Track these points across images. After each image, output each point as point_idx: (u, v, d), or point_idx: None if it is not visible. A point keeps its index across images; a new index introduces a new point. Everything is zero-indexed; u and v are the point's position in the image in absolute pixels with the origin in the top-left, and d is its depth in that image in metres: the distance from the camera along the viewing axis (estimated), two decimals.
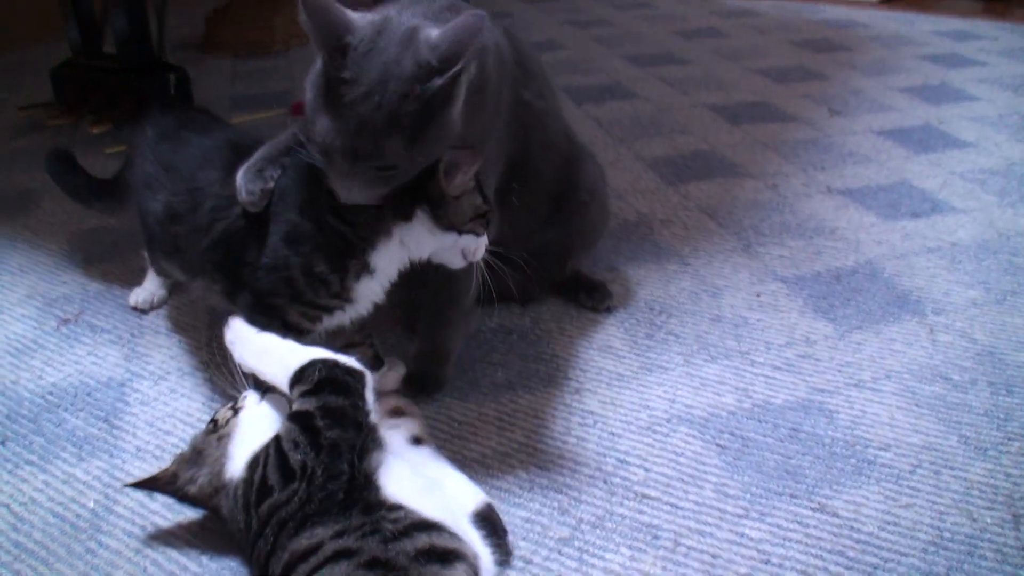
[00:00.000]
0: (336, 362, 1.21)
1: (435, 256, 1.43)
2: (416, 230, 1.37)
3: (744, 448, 1.43)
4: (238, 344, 1.32)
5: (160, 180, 1.54)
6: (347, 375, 1.19)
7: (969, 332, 1.72)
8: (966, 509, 1.30)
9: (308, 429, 1.13)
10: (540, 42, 3.99)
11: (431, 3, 1.35)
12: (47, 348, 1.75)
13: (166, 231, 1.53)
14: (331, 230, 1.35)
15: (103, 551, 1.27)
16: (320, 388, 1.17)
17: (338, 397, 1.16)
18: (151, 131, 1.65)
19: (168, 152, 1.57)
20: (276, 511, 1.10)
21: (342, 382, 1.18)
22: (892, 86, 3.21)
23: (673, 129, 2.79)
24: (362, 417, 1.16)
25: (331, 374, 1.19)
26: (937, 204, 2.25)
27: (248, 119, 2.99)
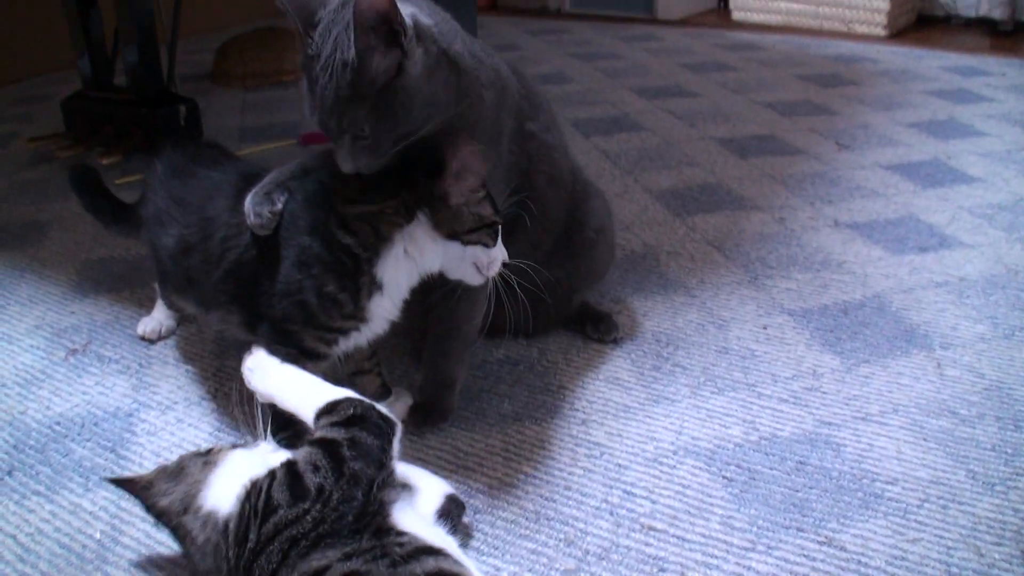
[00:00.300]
0: (372, 405, 1.21)
1: (450, 271, 1.44)
2: (418, 238, 1.38)
3: (751, 481, 1.43)
4: (257, 373, 1.32)
5: (171, 214, 1.55)
6: (381, 419, 1.19)
7: (977, 367, 1.72)
8: (974, 544, 1.29)
9: (333, 456, 1.13)
10: (547, 74, 4.01)
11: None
12: (55, 378, 1.75)
13: (179, 265, 1.54)
14: (339, 247, 1.36)
15: None
16: (352, 423, 1.17)
17: (369, 436, 1.16)
18: (161, 166, 1.65)
19: (178, 186, 1.58)
20: (285, 528, 1.09)
21: (375, 424, 1.18)
22: (900, 121, 3.21)
23: (680, 161, 2.80)
24: (387, 460, 1.16)
25: (366, 414, 1.19)
26: (945, 239, 2.25)
27: (257, 150, 3.00)
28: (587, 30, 5.00)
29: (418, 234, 1.37)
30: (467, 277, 1.43)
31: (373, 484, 1.12)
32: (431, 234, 1.37)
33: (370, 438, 1.15)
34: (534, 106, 1.63)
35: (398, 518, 1.14)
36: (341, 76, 1.23)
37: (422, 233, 1.37)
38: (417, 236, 1.38)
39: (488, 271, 1.42)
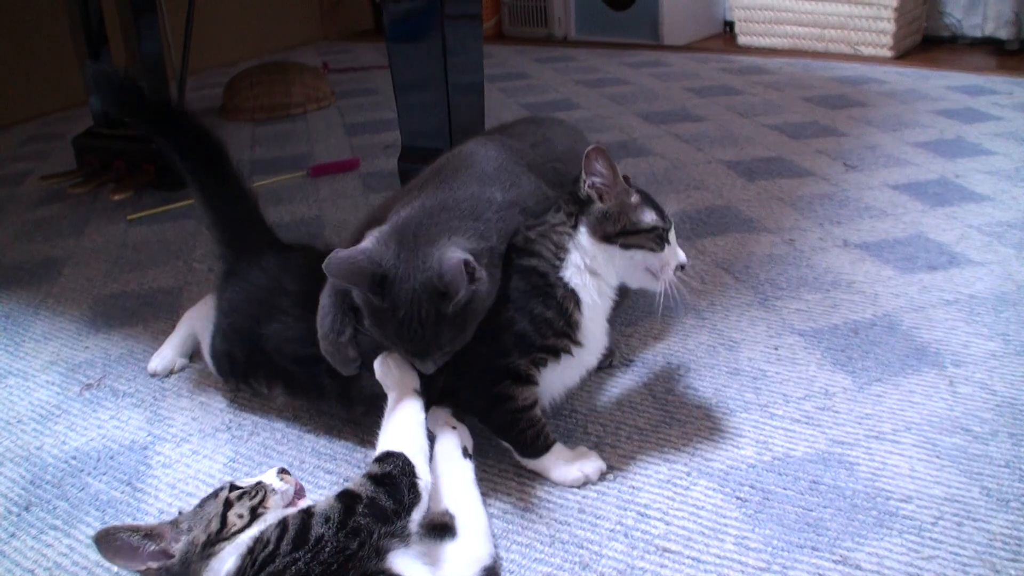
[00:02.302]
0: (413, 469, 1.22)
1: (629, 280, 1.54)
2: (586, 246, 1.48)
3: (765, 501, 1.43)
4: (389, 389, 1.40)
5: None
6: (409, 489, 1.20)
7: (989, 384, 1.72)
8: (990, 561, 1.29)
9: (347, 510, 1.14)
10: (555, 102, 4.04)
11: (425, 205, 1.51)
12: (70, 413, 1.77)
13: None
14: (528, 271, 1.47)
15: None
16: (382, 482, 1.18)
17: (389, 500, 1.17)
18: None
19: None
20: (267, 564, 1.10)
21: (401, 491, 1.18)
22: (907, 141, 3.22)
23: (688, 185, 2.81)
24: (396, 524, 1.16)
25: (399, 479, 1.20)
26: (954, 257, 2.25)
27: (268, 182, 3.02)
28: (593, 57, 5.03)
29: (584, 242, 1.48)
30: (646, 284, 1.54)
31: (373, 535, 1.13)
32: (593, 240, 1.47)
33: (389, 503, 1.16)
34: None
35: (395, 563, 1.14)
36: (426, 318, 1.37)
37: (587, 240, 1.48)
38: (584, 244, 1.48)
39: (663, 275, 1.49)
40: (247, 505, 1.20)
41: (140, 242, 2.60)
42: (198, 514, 1.21)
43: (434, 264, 1.36)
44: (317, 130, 3.75)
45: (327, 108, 4.14)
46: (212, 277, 2.31)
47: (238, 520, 1.17)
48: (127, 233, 2.67)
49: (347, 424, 1.68)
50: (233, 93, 4.03)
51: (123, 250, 2.54)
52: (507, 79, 4.56)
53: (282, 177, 3.08)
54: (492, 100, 4.00)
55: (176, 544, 1.16)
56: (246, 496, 1.22)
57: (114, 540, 1.13)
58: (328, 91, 4.22)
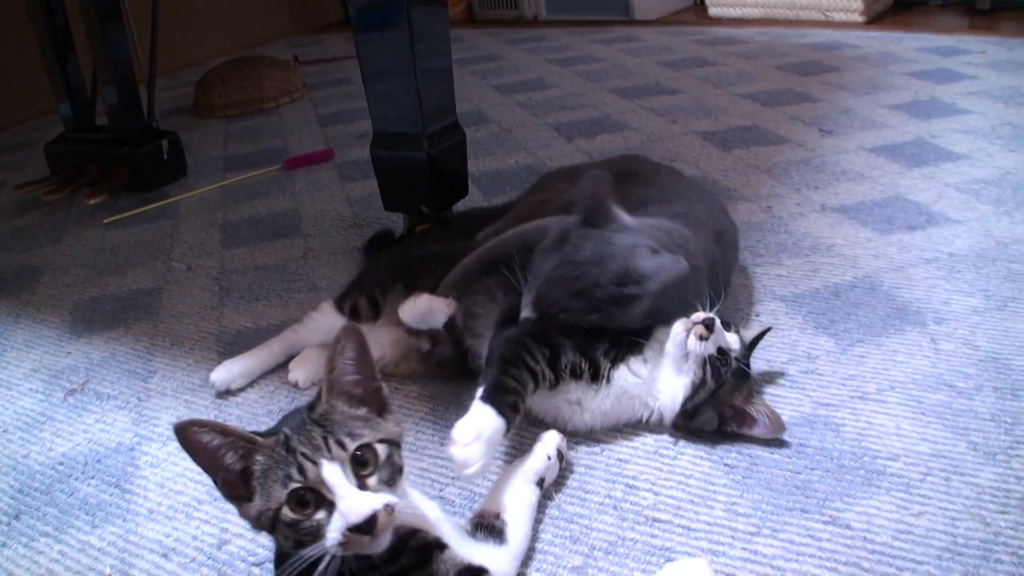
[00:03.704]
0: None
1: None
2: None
3: (752, 466, 1.43)
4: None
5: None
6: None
7: (971, 339, 1.72)
8: (979, 514, 1.29)
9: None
10: (527, 81, 4.04)
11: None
12: (55, 419, 1.76)
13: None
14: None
15: None
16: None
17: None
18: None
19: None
20: None
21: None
22: (882, 103, 3.22)
23: (664, 158, 2.80)
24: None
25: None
26: (933, 216, 2.26)
27: (243, 178, 3.02)
28: (565, 36, 5.02)
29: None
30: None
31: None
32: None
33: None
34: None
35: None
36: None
37: None
38: None
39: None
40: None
41: (117, 245, 2.59)
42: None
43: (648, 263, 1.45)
44: (290, 123, 3.74)
45: (300, 101, 4.12)
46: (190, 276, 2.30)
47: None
48: (104, 237, 2.66)
49: None
50: (205, 91, 4.01)
51: (101, 254, 2.53)
52: (479, 62, 4.55)
53: (257, 172, 3.07)
54: (465, 83, 4.01)
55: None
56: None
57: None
58: (300, 83, 4.21)
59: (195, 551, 1.38)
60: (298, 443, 1.03)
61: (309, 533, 1.00)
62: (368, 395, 1.14)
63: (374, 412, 1.13)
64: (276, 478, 1.02)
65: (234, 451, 1.04)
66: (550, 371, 1.47)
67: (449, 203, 2.26)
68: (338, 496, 1.00)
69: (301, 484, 1.01)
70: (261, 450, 1.04)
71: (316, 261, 2.33)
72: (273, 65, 4.15)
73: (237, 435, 1.04)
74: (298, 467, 1.01)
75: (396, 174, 2.21)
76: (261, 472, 1.04)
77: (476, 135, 3.25)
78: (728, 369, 1.47)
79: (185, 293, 2.22)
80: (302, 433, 1.05)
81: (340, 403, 1.10)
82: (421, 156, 2.11)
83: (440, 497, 1.44)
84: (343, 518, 0.99)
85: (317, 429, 1.06)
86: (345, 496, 1.00)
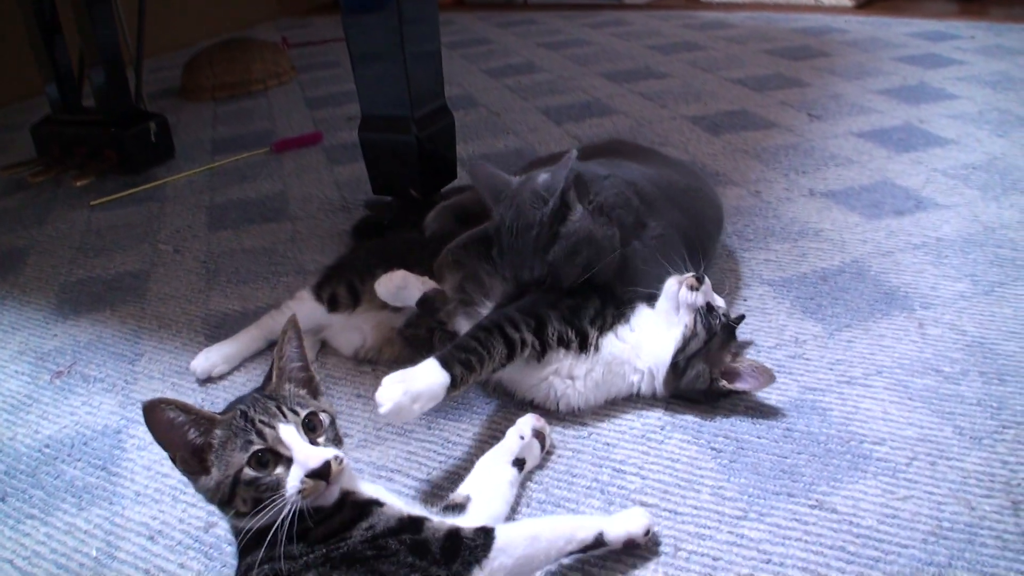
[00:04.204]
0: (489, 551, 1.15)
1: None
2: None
3: (739, 450, 1.43)
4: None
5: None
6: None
7: (958, 324, 1.72)
8: (964, 498, 1.30)
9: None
10: (517, 65, 4.03)
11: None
12: (42, 402, 1.75)
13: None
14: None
15: None
16: (454, 547, 1.12)
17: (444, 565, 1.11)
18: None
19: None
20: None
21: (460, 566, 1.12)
22: (871, 88, 3.22)
23: (653, 142, 2.80)
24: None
25: (468, 557, 1.12)
26: (921, 201, 2.26)
27: (231, 160, 3.00)
28: (554, 19, 5.01)
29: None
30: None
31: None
32: None
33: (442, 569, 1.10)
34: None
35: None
36: (523, 228, 1.54)
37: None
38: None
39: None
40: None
41: (104, 227, 2.58)
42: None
43: (543, 176, 1.56)
44: (279, 106, 3.73)
45: (288, 83, 4.10)
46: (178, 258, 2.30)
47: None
48: (91, 219, 2.65)
49: None
50: (192, 73, 3.99)
51: (88, 236, 2.52)
52: (469, 45, 4.53)
53: (245, 154, 3.06)
54: (455, 67, 4.00)
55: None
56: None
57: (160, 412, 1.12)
58: (288, 66, 4.19)
59: (181, 534, 1.37)
60: (255, 413, 1.15)
61: (269, 488, 1.10)
62: (305, 380, 1.26)
63: (311, 395, 1.25)
64: (235, 446, 1.12)
65: (196, 428, 1.13)
66: (536, 339, 1.49)
67: (438, 186, 2.25)
68: (296, 450, 1.12)
69: (262, 446, 1.11)
70: (219, 425, 1.14)
71: (304, 244, 2.32)
72: (261, 47, 4.13)
73: (199, 413, 1.14)
74: (257, 432, 1.12)
75: (384, 157, 2.20)
76: (219, 445, 1.13)
77: (465, 119, 3.24)
78: (718, 322, 1.51)
79: (172, 276, 2.21)
80: (257, 406, 1.16)
81: (287, 384, 1.23)
82: (410, 139, 2.11)
83: (427, 480, 1.44)
84: (301, 467, 1.11)
85: (271, 402, 1.17)
86: (302, 449, 1.12)
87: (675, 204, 1.77)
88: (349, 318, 1.78)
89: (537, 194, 1.54)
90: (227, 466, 1.11)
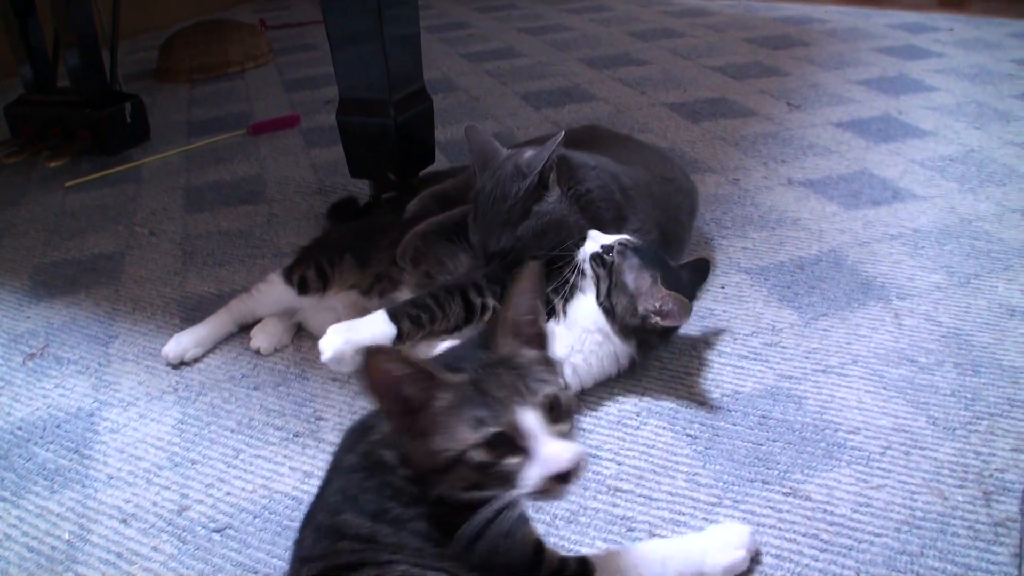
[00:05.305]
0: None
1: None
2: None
3: (715, 437, 1.43)
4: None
5: None
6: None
7: (934, 315, 1.73)
8: (937, 488, 1.31)
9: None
10: (497, 50, 4.01)
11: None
12: (14, 384, 1.74)
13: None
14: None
15: None
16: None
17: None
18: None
19: None
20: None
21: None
22: (850, 79, 3.23)
23: (632, 129, 2.80)
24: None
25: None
26: (898, 192, 2.27)
27: (207, 142, 2.98)
28: (535, 5, 4.99)
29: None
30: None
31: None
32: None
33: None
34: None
35: None
36: (499, 197, 1.57)
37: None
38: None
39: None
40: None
41: (79, 209, 2.55)
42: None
43: (529, 153, 1.60)
44: (256, 88, 3.70)
45: (265, 66, 4.07)
46: (153, 240, 2.28)
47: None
48: (65, 200, 2.62)
49: (295, 379, 1.67)
50: (168, 54, 3.95)
51: (62, 218, 2.50)
52: (448, 29, 4.51)
53: (222, 136, 3.04)
54: (434, 51, 3.98)
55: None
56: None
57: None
58: (266, 48, 4.16)
59: (155, 517, 1.37)
60: (489, 385, 0.99)
61: (499, 478, 0.96)
62: (535, 337, 1.08)
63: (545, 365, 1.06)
64: (464, 419, 0.97)
65: (415, 385, 0.98)
66: (499, 304, 1.53)
67: (416, 170, 2.24)
68: (539, 443, 0.96)
69: (497, 429, 0.96)
70: (445, 389, 0.99)
71: (280, 227, 2.31)
72: (239, 29, 4.10)
73: (423, 369, 0.99)
74: (492, 411, 0.96)
75: (362, 141, 2.19)
76: (444, 410, 0.98)
77: (444, 103, 3.22)
78: (611, 255, 1.54)
79: (147, 258, 2.20)
80: (492, 373, 1.00)
81: (517, 344, 1.06)
82: (388, 123, 2.10)
83: None
84: (544, 466, 0.95)
85: (507, 372, 1.00)
86: (547, 443, 0.96)
87: (650, 196, 1.78)
88: (321, 300, 1.78)
89: (519, 168, 1.57)
90: (450, 439, 0.96)
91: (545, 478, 0.95)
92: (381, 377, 0.97)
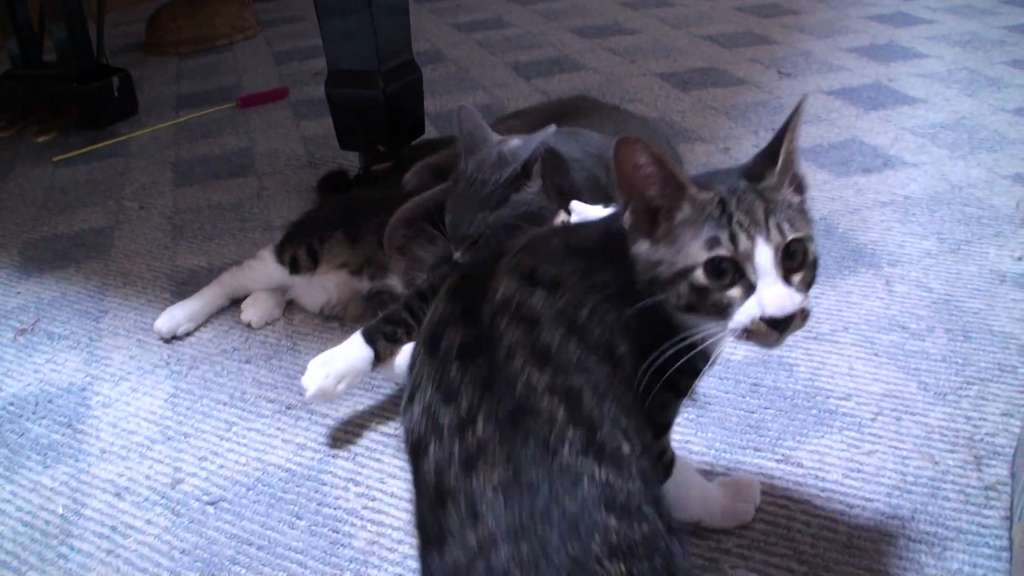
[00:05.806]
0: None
1: None
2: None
3: (706, 404, 1.44)
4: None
5: None
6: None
7: (925, 282, 1.74)
8: (928, 453, 1.31)
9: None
10: (485, 20, 3.99)
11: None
12: (5, 360, 1.73)
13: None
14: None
15: (75, 555, 1.26)
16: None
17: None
18: None
19: None
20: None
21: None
22: (841, 46, 3.22)
23: (623, 98, 2.79)
24: None
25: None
26: (889, 159, 2.27)
27: (196, 116, 2.97)
28: None
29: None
30: None
31: None
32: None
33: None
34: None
35: None
36: (480, 183, 1.53)
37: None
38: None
39: None
40: None
41: (68, 183, 2.54)
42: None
43: (516, 141, 1.56)
44: (244, 60, 3.68)
45: (253, 38, 4.05)
46: (143, 215, 2.27)
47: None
48: (54, 175, 2.61)
49: (287, 352, 1.67)
50: (156, 28, 3.93)
51: (51, 193, 2.49)
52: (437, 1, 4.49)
53: (210, 110, 3.03)
54: (422, 21, 3.96)
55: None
56: None
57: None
58: (254, 20, 4.13)
59: (148, 490, 1.37)
60: (736, 209, 0.93)
61: (714, 305, 0.92)
62: (798, 181, 1.02)
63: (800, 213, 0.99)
64: (697, 235, 0.93)
65: (661, 187, 0.95)
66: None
67: (405, 142, 2.23)
68: (763, 282, 0.91)
69: (728, 254, 0.91)
70: (690, 202, 0.94)
71: (270, 200, 2.30)
72: (225, 1, 4.07)
73: (673, 175, 0.94)
74: (730, 234, 0.91)
75: (351, 113, 2.18)
76: (680, 221, 0.94)
77: (433, 74, 3.21)
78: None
79: (137, 232, 2.19)
80: (742, 200, 0.94)
81: (783, 181, 0.98)
82: (377, 94, 2.09)
83: (395, 434, 1.44)
84: (761, 307, 0.91)
85: (759, 202, 0.94)
86: (771, 285, 0.91)
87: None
88: (312, 278, 1.78)
89: (503, 156, 1.55)
90: (679, 252, 0.93)
91: (758, 319, 0.91)
92: (630, 170, 0.95)
